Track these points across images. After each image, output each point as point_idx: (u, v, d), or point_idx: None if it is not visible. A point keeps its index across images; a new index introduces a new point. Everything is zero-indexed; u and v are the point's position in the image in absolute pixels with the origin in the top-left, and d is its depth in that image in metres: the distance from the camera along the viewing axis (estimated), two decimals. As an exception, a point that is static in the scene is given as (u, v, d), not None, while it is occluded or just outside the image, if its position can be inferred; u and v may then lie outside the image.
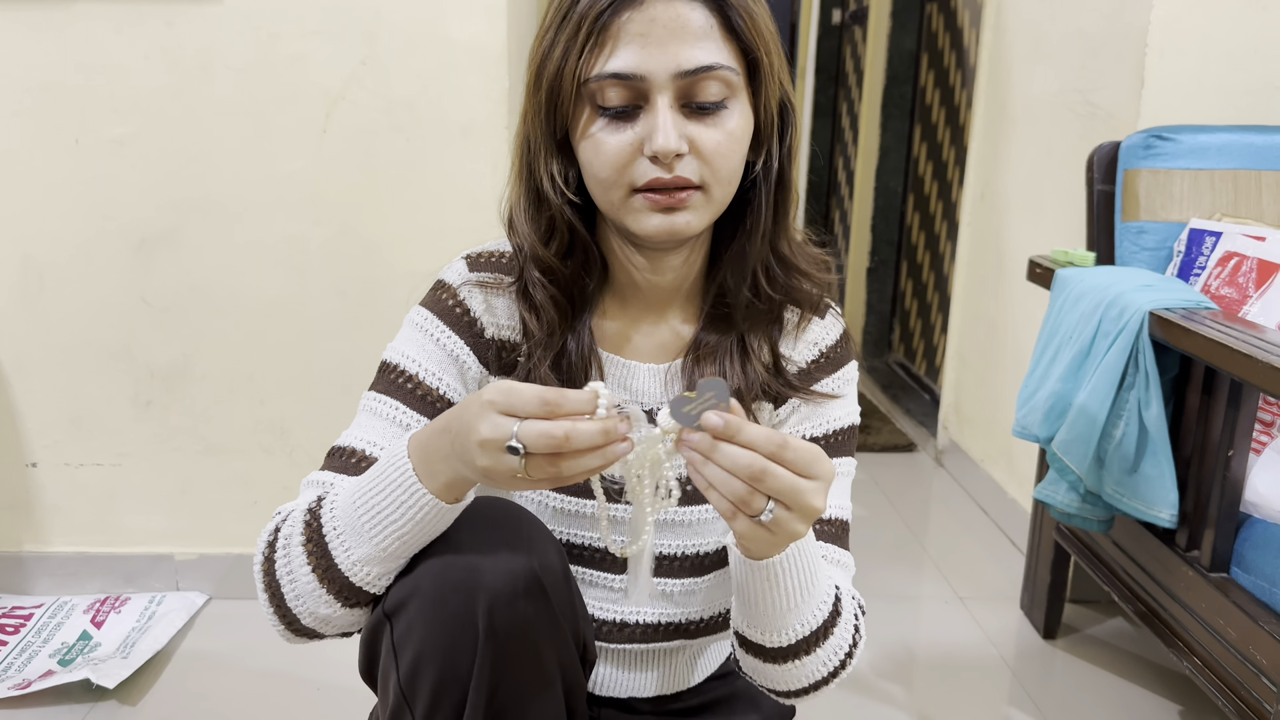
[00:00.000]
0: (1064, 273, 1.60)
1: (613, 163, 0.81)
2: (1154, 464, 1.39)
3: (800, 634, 0.82)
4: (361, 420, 0.88)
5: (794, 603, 0.80)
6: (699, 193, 0.82)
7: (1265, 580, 1.29)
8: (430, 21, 1.67)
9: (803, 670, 0.84)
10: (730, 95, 0.81)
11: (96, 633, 1.75)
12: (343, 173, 1.73)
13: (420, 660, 0.76)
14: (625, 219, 0.84)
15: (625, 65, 0.78)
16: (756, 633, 0.82)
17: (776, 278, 0.91)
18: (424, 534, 0.76)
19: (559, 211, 0.86)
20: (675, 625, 0.95)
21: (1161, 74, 1.73)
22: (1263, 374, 1.17)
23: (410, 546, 0.76)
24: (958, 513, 2.43)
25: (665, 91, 0.79)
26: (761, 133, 0.85)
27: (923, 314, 3.30)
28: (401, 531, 0.75)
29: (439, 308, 0.91)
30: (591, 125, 0.81)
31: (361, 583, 0.77)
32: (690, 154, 0.80)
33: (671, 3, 0.78)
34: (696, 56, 0.78)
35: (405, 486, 0.74)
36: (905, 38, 3.37)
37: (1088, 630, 1.88)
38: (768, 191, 0.87)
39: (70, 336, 1.77)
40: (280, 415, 1.82)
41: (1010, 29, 2.33)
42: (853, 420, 0.96)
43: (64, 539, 1.87)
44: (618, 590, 0.94)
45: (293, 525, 0.79)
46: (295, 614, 0.79)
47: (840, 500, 0.93)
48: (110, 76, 1.67)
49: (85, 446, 1.82)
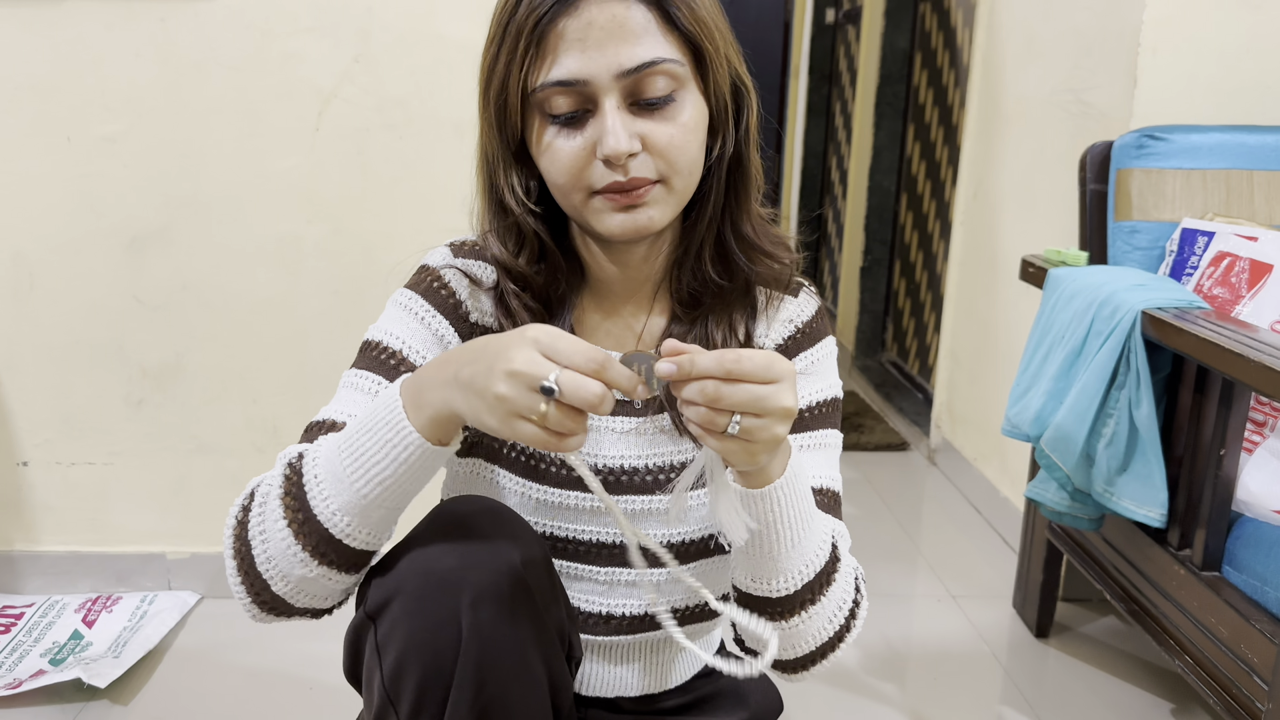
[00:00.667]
0: (1056, 272, 1.60)
1: (568, 169, 0.81)
2: (1144, 463, 1.40)
3: (805, 576, 0.81)
4: (342, 395, 0.87)
5: (794, 538, 0.80)
6: (659, 186, 0.82)
7: (1256, 579, 1.29)
8: (422, 19, 1.67)
9: (810, 625, 0.83)
10: (678, 87, 0.81)
11: (88, 632, 1.74)
12: (335, 171, 1.73)
13: (404, 660, 0.76)
14: (589, 220, 0.84)
15: (567, 72, 0.78)
16: (761, 583, 0.82)
17: (737, 258, 0.91)
18: (405, 482, 0.74)
19: (524, 222, 0.87)
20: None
21: (1154, 74, 1.73)
22: (1255, 374, 1.17)
23: (390, 496, 0.75)
24: (951, 511, 2.43)
25: (610, 93, 0.79)
26: (716, 118, 0.86)
27: (916, 313, 3.30)
28: (383, 475, 0.73)
29: (423, 289, 0.91)
30: (544, 134, 0.82)
31: (339, 533, 0.75)
32: (644, 151, 0.80)
33: (606, 4, 0.78)
34: (637, 54, 0.78)
35: (391, 424, 0.73)
36: (899, 37, 3.38)
37: (1080, 628, 1.88)
38: (719, 175, 0.88)
39: (61, 335, 1.77)
40: (273, 414, 1.82)
41: (1003, 28, 2.33)
42: (834, 393, 0.96)
43: (55, 538, 1.86)
44: (602, 583, 0.94)
45: (271, 482, 0.78)
46: (265, 578, 0.77)
47: (829, 471, 0.93)
48: (102, 74, 1.67)
49: (77, 445, 1.82)
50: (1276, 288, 1.42)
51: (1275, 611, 1.25)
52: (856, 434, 2.91)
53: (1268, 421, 1.39)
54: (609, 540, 0.93)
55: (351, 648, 0.83)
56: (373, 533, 0.77)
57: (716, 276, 0.91)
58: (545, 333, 0.68)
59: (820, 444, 0.94)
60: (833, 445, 0.95)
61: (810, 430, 0.94)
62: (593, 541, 0.93)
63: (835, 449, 0.95)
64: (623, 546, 0.93)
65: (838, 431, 0.96)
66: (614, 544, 0.93)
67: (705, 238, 0.90)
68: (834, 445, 0.95)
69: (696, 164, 0.84)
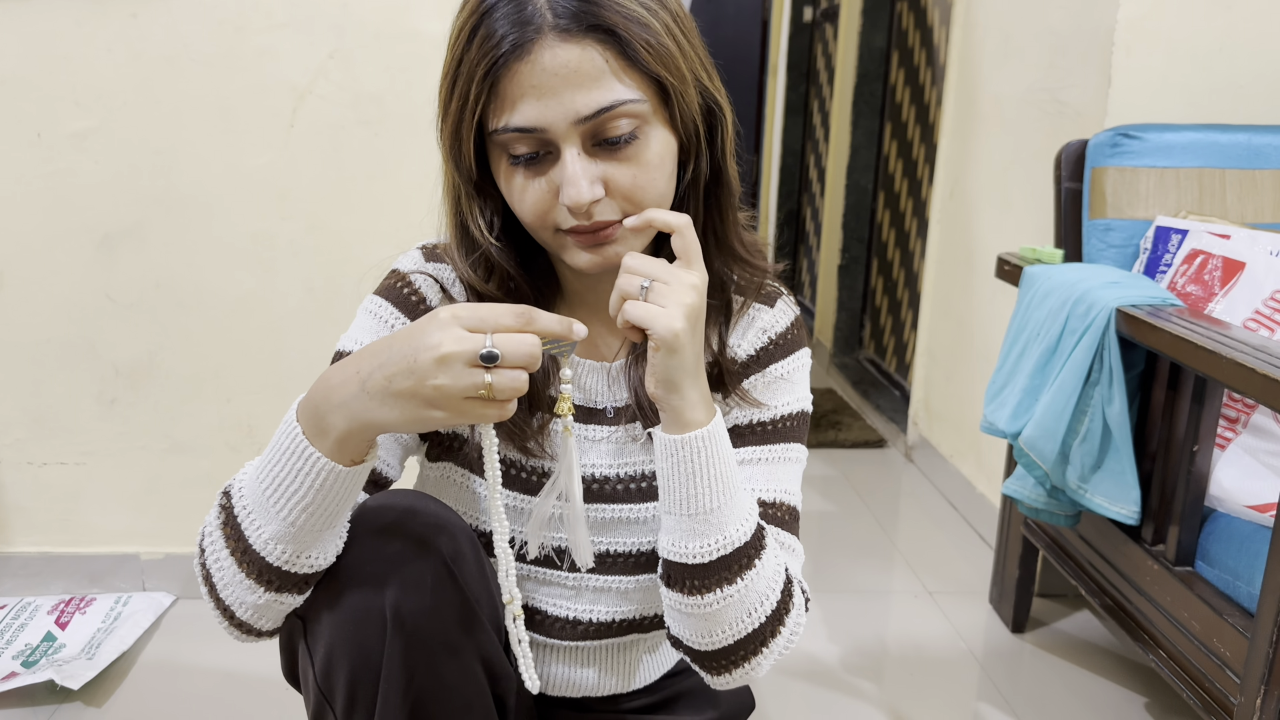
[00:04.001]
0: (1032, 270, 1.61)
1: (533, 210, 0.80)
2: (1116, 461, 1.41)
3: (721, 546, 0.80)
4: None
5: (714, 500, 0.80)
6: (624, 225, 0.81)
7: (1229, 574, 1.30)
8: (398, 14, 1.66)
9: (728, 609, 0.81)
10: (642, 124, 0.78)
11: (61, 634, 1.72)
12: (310, 167, 1.71)
13: (332, 656, 0.77)
14: (559, 253, 0.84)
15: (524, 120, 0.76)
16: (678, 544, 0.81)
17: (722, 270, 0.91)
18: (328, 503, 0.73)
19: (490, 252, 0.86)
20: (628, 621, 0.96)
21: (1128, 73, 1.74)
22: (1227, 370, 1.18)
23: (318, 518, 0.73)
24: (927, 508, 2.44)
25: (569, 139, 0.77)
26: (688, 143, 0.83)
27: (893, 310, 3.32)
28: (305, 502, 0.72)
29: (393, 295, 0.90)
30: (507, 171, 0.80)
31: (278, 562, 0.74)
32: (608, 195, 0.79)
33: (558, 49, 0.74)
34: (594, 99, 0.75)
35: (297, 452, 0.71)
36: (876, 35, 3.39)
37: (1056, 624, 1.90)
38: (697, 195, 0.86)
39: (32, 334, 1.74)
40: (247, 412, 1.80)
41: (979, 27, 2.34)
42: (803, 406, 0.96)
43: (27, 539, 1.84)
44: (570, 587, 0.94)
45: (213, 513, 0.78)
46: (229, 605, 0.77)
47: (788, 486, 0.93)
48: (72, 69, 1.65)
49: (49, 445, 1.80)
50: (1249, 285, 1.43)
51: (1247, 605, 1.26)
52: (834, 431, 2.92)
53: (1240, 418, 1.41)
54: None
55: (287, 650, 0.84)
56: (313, 555, 0.76)
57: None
58: (459, 308, 0.67)
59: (783, 458, 0.93)
60: (795, 460, 0.94)
61: (774, 443, 0.93)
62: (560, 548, 0.93)
63: (798, 464, 0.95)
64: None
65: (803, 446, 0.96)
66: None
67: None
68: (797, 460, 0.95)
69: (664, 197, 0.82)
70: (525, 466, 0.91)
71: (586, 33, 0.75)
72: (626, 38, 0.75)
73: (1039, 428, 1.47)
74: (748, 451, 0.92)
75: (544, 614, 0.95)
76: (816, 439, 2.84)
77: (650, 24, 0.77)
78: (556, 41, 0.74)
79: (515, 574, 0.81)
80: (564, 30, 0.74)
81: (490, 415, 0.67)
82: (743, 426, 0.93)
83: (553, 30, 0.74)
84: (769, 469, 0.93)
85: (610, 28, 0.75)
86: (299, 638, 0.80)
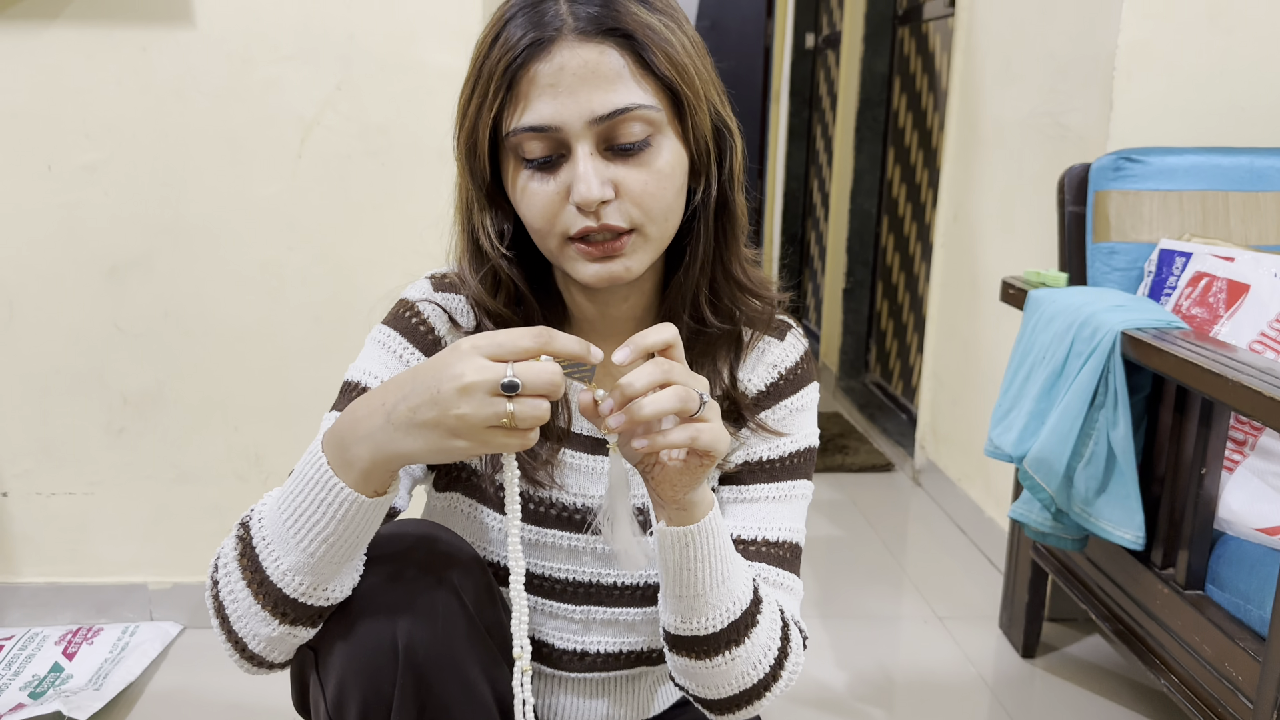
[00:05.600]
0: (1037, 293, 1.62)
1: (542, 214, 0.80)
2: (1121, 485, 1.40)
3: (728, 616, 0.81)
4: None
5: (717, 576, 0.80)
6: (634, 235, 0.81)
7: (1240, 597, 1.30)
8: (404, 46, 1.67)
9: (734, 668, 0.83)
10: (655, 133, 0.79)
11: (68, 664, 1.72)
12: (317, 197, 1.72)
13: (344, 686, 0.77)
14: (565, 266, 0.84)
15: (540, 118, 0.77)
16: (687, 622, 0.82)
17: (724, 303, 0.90)
18: (349, 535, 0.73)
19: (499, 264, 0.86)
20: (636, 653, 0.95)
21: (1130, 97, 1.75)
22: (1234, 393, 1.18)
23: (338, 550, 0.73)
24: (936, 532, 2.43)
25: (584, 139, 0.78)
26: (697, 162, 0.84)
27: (899, 334, 3.32)
28: (325, 532, 0.72)
29: (402, 325, 0.90)
30: (519, 177, 0.81)
31: (295, 594, 0.74)
32: (618, 198, 0.79)
33: (578, 49, 0.76)
34: (610, 100, 0.77)
35: (322, 483, 0.71)
36: (878, 61, 3.41)
37: (1066, 649, 1.89)
38: (706, 219, 0.86)
39: (42, 364, 1.75)
40: (254, 441, 1.81)
41: (981, 52, 2.35)
42: (810, 443, 0.96)
43: (35, 569, 1.84)
44: (578, 621, 0.93)
45: (228, 543, 0.78)
46: (241, 637, 0.77)
47: (793, 524, 0.93)
48: (83, 102, 1.66)
49: (57, 475, 1.80)
50: (1254, 308, 1.43)
51: (1259, 629, 1.26)
52: (841, 455, 2.91)
53: (1248, 440, 1.40)
54: (585, 579, 0.93)
55: (298, 680, 0.84)
56: (330, 588, 0.75)
57: (711, 319, 0.89)
58: (479, 338, 0.67)
59: (789, 495, 0.93)
60: (801, 497, 0.95)
61: (782, 480, 0.93)
62: (569, 580, 0.92)
63: (804, 500, 0.95)
64: (598, 585, 0.93)
65: (810, 483, 0.96)
66: (590, 582, 0.93)
67: (699, 282, 0.88)
68: (803, 497, 0.95)
69: (673, 210, 0.83)
70: (534, 497, 0.91)
71: (605, 35, 0.77)
72: (644, 43, 0.77)
73: (1044, 451, 1.47)
74: (755, 489, 0.92)
75: (551, 647, 0.94)
76: (823, 463, 2.84)
77: (668, 37, 0.79)
78: (576, 42, 0.76)
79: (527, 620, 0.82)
80: (583, 32, 0.76)
81: (512, 445, 0.67)
82: (752, 463, 0.93)
83: (572, 32, 0.76)
84: (775, 507, 0.93)
85: (629, 32, 0.77)
86: (310, 668, 0.80)
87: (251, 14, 1.65)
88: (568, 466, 0.91)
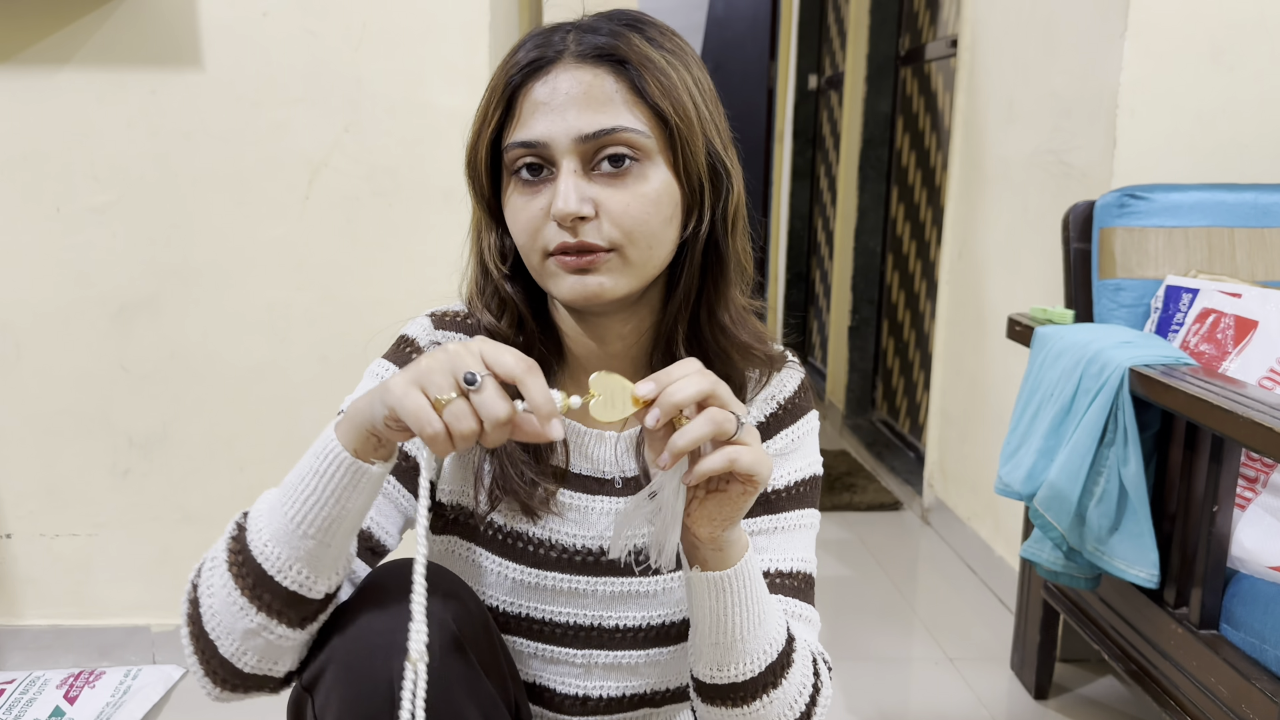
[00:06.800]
0: (1043, 330, 1.61)
1: (526, 228, 0.82)
2: (1134, 522, 1.39)
3: (763, 661, 0.81)
4: None
5: (754, 619, 0.80)
6: (612, 256, 0.81)
7: (1255, 637, 1.28)
8: (411, 89, 1.69)
9: (770, 711, 0.83)
10: (641, 158, 0.80)
11: (70, 708, 1.70)
12: (325, 238, 1.73)
13: None
14: (546, 283, 0.84)
15: (530, 134, 0.80)
16: (721, 671, 0.81)
17: (712, 346, 0.89)
18: (331, 503, 0.72)
19: (500, 284, 0.88)
20: (640, 696, 0.94)
21: (1133, 134, 1.76)
22: (1244, 430, 1.17)
23: (316, 518, 0.73)
24: (945, 572, 2.41)
25: (568, 156, 0.80)
26: (691, 198, 0.84)
27: (905, 372, 3.31)
28: (307, 493, 0.72)
29: (401, 360, 0.90)
30: (512, 193, 0.83)
31: (271, 567, 0.73)
32: (599, 217, 0.80)
33: (575, 71, 0.80)
34: (597, 120, 0.79)
35: (322, 444, 0.73)
36: (880, 101, 3.43)
37: (1079, 690, 1.86)
38: (693, 258, 0.85)
39: (47, 404, 1.75)
40: (260, 482, 1.80)
41: (983, 92, 2.37)
42: (814, 471, 0.95)
43: (38, 611, 1.83)
44: (579, 665, 0.92)
45: (219, 541, 0.78)
46: (212, 638, 0.76)
47: (803, 554, 0.92)
48: (92, 144, 1.68)
49: (61, 516, 1.79)
50: (1263, 343, 1.42)
51: (1275, 670, 1.24)
52: (849, 494, 2.90)
53: (1259, 477, 1.39)
54: (586, 622, 0.91)
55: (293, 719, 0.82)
56: (305, 571, 0.74)
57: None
58: (489, 344, 0.69)
59: (797, 525, 0.92)
60: (809, 526, 0.94)
61: (787, 511, 0.92)
62: (569, 624, 0.91)
63: (812, 529, 0.94)
64: (599, 629, 0.91)
65: (815, 511, 0.95)
66: (591, 625, 0.92)
67: (679, 320, 0.87)
68: (810, 526, 0.94)
69: (657, 239, 0.82)
70: (532, 539, 0.91)
71: (602, 61, 0.80)
72: (639, 71, 0.80)
73: (1054, 489, 1.46)
74: (761, 521, 0.91)
75: (553, 692, 0.93)
76: (831, 501, 2.82)
77: (666, 70, 0.81)
78: (573, 65, 0.80)
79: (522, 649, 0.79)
80: (582, 56, 0.80)
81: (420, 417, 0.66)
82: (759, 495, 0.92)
83: (572, 56, 0.80)
84: (783, 538, 0.92)
85: (624, 59, 0.80)
86: (306, 709, 0.79)
87: (260, 57, 1.66)
88: (566, 507, 0.91)
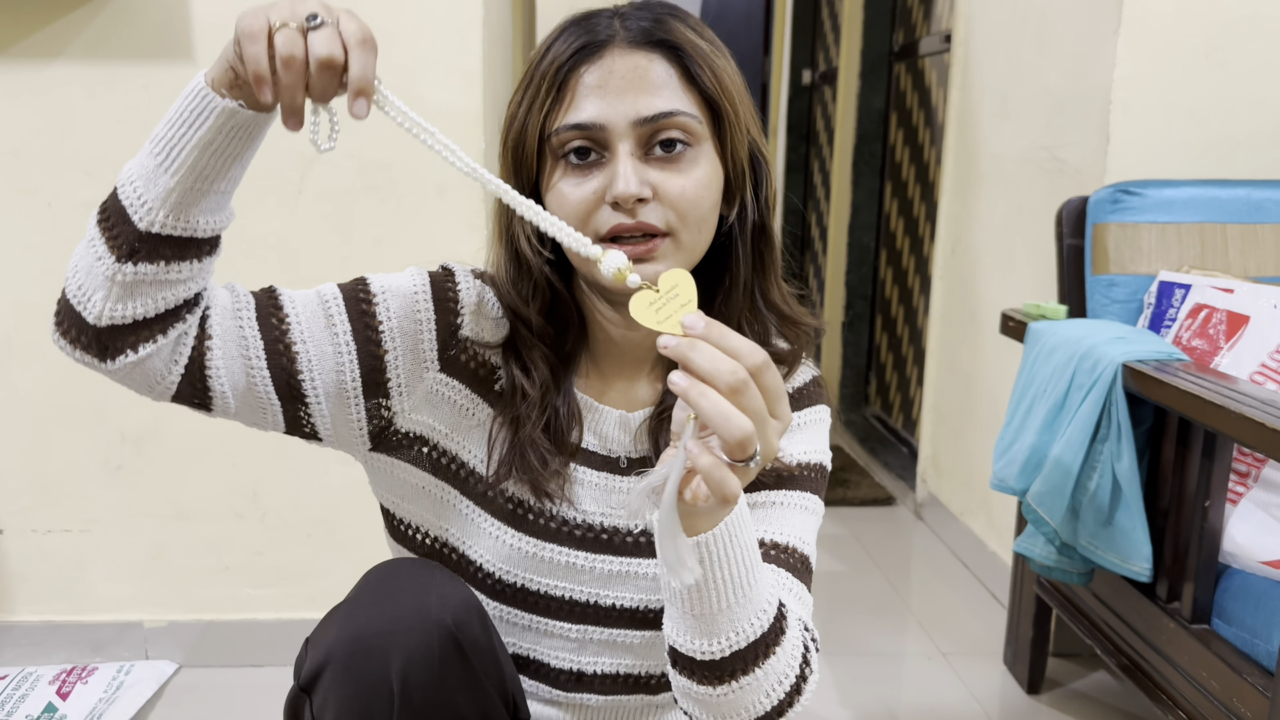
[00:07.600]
0: (1037, 326, 1.62)
1: (576, 212, 0.81)
2: (1127, 517, 1.39)
3: (735, 643, 0.73)
4: (305, 293, 0.89)
5: (730, 597, 0.72)
6: (667, 240, 0.81)
7: (1246, 631, 1.28)
8: (406, 83, 1.68)
9: (741, 698, 0.75)
10: (694, 143, 0.81)
11: (62, 704, 1.70)
12: (318, 233, 1.73)
13: None
14: (595, 271, 0.82)
15: (585, 116, 0.80)
16: (694, 640, 0.74)
17: (760, 329, 0.90)
18: (185, 132, 0.74)
19: (538, 271, 0.86)
20: (634, 678, 0.94)
21: (1126, 130, 1.76)
22: (1236, 425, 1.18)
23: (177, 150, 0.74)
24: (938, 567, 2.42)
25: (625, 139, 0.79)
26: (732, 184, 0.85)
27: (898, 367, 3.31)
28: (170, 119, 0.74)
29: (435, 281, 0.90)
30: (557, 178, 0.82)
31: (126, 199, 0.75)
32: (655, 200, 0.80)
33: (628, 54, 0.80)
34: (655, 104, 0.79)
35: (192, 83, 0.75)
36: (874, 97, 3.43)
37: (1072, 684, 1.87)
38: (744, 243, 0.87)
39: (39, 400, 1.75)
40: (252, 478, 1.80)
41: (977, 88, 2.37)
42: (821, 459, 0.95)
43: (29, 608, 1.83)
44: (574, 640, 0.92)
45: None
46: (65, 283, 0.79)
47: (803, 534, 0.90)
48: (84, 139, 1.67)
49: (53, 512, 1.79)
50: (1254, 339, 1.43)
51: (1266, 664, 1.24)
52: (842, 489, 2.90)
53: (1251, 472, 1.40)
54: (582, 599, 0.91)
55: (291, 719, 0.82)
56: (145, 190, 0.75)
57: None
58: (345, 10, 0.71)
59: (799, 505, 0.92)
60: (812, 511, 0.93)
61: (790, 489, 0.92)
62: (565, 598, 0.91)
63: (814, 515, 0.93)
64: (595, 606, 0.91)
65: (819, 500, 0.94)
66: (587, 602, 0.92)
67: (742, 306, 0.88)
68: (814, 512, 0.93)
69: (706, 222, 0.83)
70: (542, 511, 0.90)
71: (654, 46, 0.81)
72: (691, 56, 0.81)
73: (1047, 484, 1.46)
74: (764, 495, 0.90)
75: (547, 666, 0.93)
76: (824, 496, 2.82)
77: (713, 57, 0.82)
78: (625, 49, 0.81)
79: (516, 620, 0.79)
80: (633, 41, 0.81)
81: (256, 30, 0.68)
82: (763, 469, 0.91)
83: (623, 41, 0.81)
84: (785, 513, 0.90)
85: (677, 45, 0.81)
86: (304, 709, 0.79)
87: (253, 52, 1.66)
88: (578, 482, 0.90)
